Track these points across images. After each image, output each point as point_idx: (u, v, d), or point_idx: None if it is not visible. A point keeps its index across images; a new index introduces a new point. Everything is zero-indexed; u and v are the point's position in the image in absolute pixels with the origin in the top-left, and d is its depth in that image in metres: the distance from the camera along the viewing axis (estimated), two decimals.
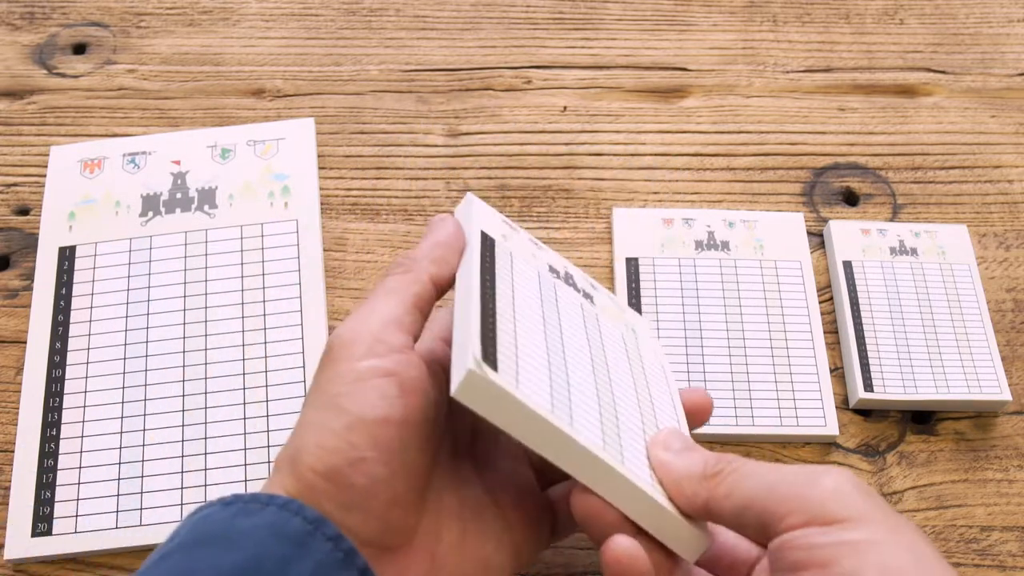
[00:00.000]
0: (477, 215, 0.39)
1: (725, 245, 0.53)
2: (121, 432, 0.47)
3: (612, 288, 0.52)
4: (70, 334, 0.49)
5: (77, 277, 0.51)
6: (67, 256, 0.52)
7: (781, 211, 0.55)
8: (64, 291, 0.51)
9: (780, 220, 0.55)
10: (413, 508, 0.34)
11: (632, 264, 0.52)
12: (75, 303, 0.50)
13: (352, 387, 0.33)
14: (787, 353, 0.50)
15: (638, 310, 0.51)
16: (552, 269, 0.41)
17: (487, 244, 0.37)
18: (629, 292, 0.52)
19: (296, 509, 0.31)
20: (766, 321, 0.51)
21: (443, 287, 0.37)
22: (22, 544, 0.44)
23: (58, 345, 0.49)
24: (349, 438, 0.32)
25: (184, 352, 0.49)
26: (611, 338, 0.40)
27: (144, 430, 0.47)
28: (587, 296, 0.41)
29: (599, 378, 0.37)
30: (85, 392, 0.48)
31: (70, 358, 0.49)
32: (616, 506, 0.33)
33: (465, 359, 0.31)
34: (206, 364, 0.49)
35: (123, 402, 0.48)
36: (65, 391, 0.48)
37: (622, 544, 0.33)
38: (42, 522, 0.45)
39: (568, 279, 0.41)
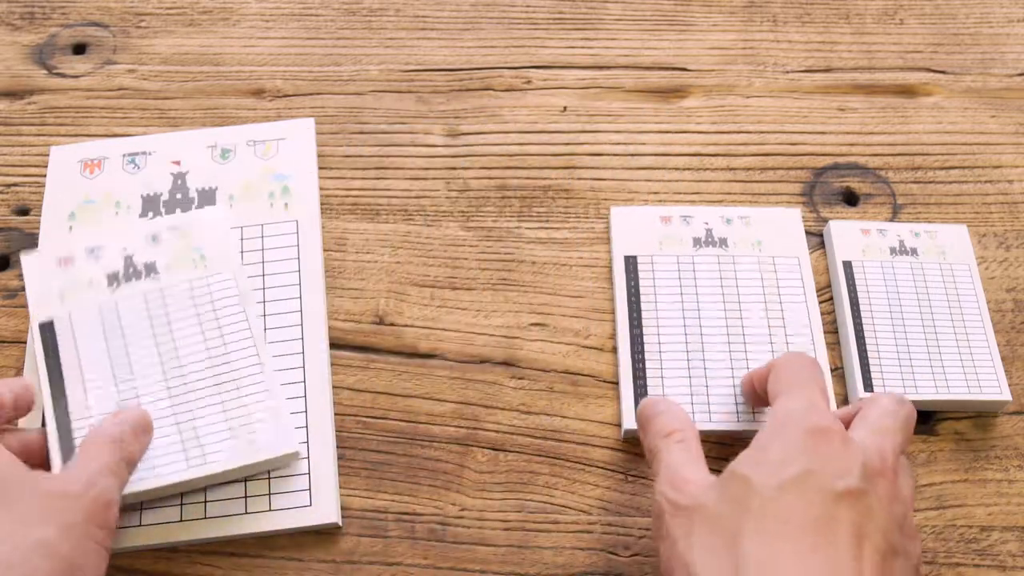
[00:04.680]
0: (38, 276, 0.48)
1: (723, 242, 0.53)
2: None
3: (611, 287, 0.52)
4: None
5: None
6: None
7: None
8: None
9: (777, 215, 0.54)
10: None
11: (631, 262, 0.52)
12: None
13: None
14: (787, 351, 0.50)
15: (638, 309, 0.51)
16: (112, 277, 0.47)
17: (49, 338, 0.46)
18: (628, 290, 0.51)
19: None
20: (765, 318, 0.51)
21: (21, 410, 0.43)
22: None
23: None
24: None
25: None
26: (179, 324, 0.47)
27: None
28: (149, 271, 0.47)
29: (173, 394, 0.46)
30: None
31: None
32: None
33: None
34: None
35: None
36: None
37: None
38: None
39: (129, 267, 0.47)
